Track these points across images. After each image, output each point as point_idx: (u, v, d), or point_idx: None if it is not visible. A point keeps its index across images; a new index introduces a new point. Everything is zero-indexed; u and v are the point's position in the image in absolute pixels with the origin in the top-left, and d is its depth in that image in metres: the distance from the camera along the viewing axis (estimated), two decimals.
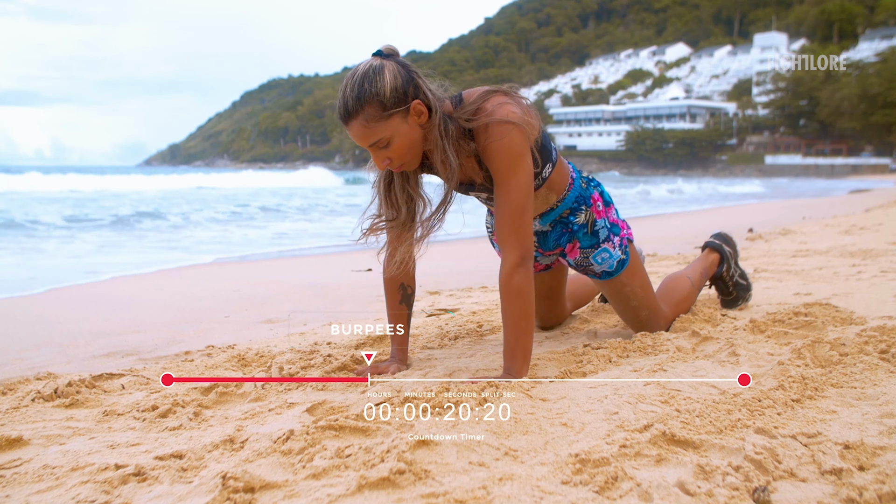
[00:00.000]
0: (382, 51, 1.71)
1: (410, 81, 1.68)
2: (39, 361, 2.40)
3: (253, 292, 3.90)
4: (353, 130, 1.68)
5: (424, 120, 1.71)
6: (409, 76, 1.69)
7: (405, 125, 1.68)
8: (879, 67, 54.75)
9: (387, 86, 1.64)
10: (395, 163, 1.72)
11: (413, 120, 1.69)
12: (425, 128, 1.72)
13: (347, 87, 1.66)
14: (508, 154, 1.71)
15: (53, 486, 1.22)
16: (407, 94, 1.67)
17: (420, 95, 1.69)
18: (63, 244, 7.28)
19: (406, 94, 1.67)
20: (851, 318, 2.25)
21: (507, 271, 1.73)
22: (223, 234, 8.77)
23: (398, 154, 1.70)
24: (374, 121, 1.64)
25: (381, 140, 1.67)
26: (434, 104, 1.71)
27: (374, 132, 1.66)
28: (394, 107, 1.65)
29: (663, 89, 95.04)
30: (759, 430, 1.29)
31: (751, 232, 6.76)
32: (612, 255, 2.08)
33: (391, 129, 1.66)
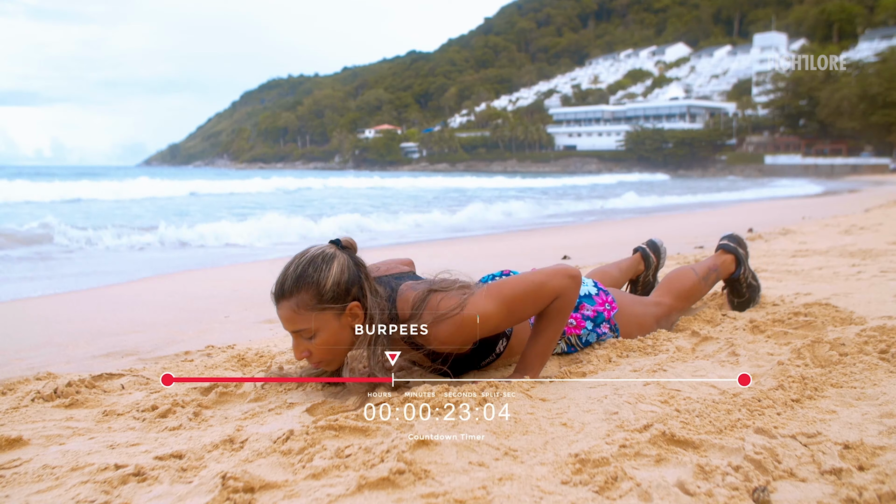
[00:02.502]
0: (341, 241, 1.67)
1: (356, 281, 1.61)
2: (39, 361, 2.40)
3: (253, 292, 3.90)
4: (281, 311, 1.61)
5: (358, 322, 1.62)
6: (357, 276, 1.62)
7: (336, 323, 1.60)
8: (879, 67, 54.75)
9: (330, 278, 1.58)
10: (315, 358, 1.64)
11: (346, 321, 1.61)
12: (355, 331, 1.63)
13: (291, 266, 1.62)
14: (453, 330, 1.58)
15: (53, 486, 1.22)
16: (348, 293, 1.60)
17: (361, 298, 1.61)
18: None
19: (347, 292, 1.60)
20: (851, 318, 2.25)
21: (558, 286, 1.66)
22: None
23: (320, 350, 1.61)
24: (305, 309, 1.58)
25: (305, 330, 1.60)
26: (372, 311, 1.61)
27: (302, 320, 1.59)
28: (330, 302, 1.58)
29: (663, 89, 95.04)
30: (759, 430, 1.29)
31: (751, 232, 6.76)
32: (607, 335, 2.06)
33: (320, 323, 1.59)
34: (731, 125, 73.67)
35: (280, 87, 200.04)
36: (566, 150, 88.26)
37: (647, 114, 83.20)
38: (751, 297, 2.58)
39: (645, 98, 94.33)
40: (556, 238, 7.41)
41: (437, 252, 6.24)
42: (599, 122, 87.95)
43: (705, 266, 2.46)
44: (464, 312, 1.58)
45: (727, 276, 2.54)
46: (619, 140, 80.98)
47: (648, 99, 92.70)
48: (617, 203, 15.46)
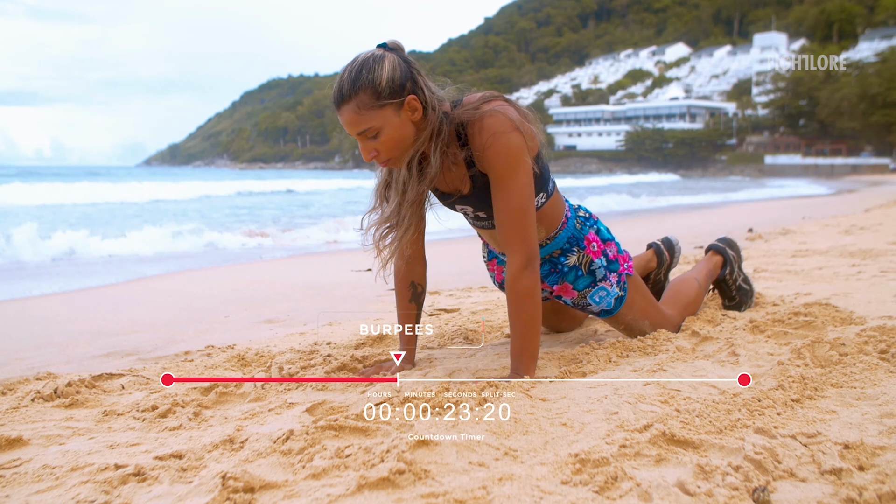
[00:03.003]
0: (388, 44, 1.70)
1: (409, 76, 1.65)
2: (39, 361, 2.40)
3: (253, 292, 3.90)
4: (343, 115, 1.65)
5: (418, 117, 1.67)
6: (409, 71, 1.66)
7: (397, 118, 1.64)
8: (879, 67, 54.73)
9: (384, 75, 1.62)
10: (382, 156, 1.68)
11: (406, 115, 1.66)
12: (418, 125, 1.69)
13: (345, 72, 1.64)
14: (507, 155, 1.68)
15: (53, 486, 1.22)
16: (403, 88, 1.64)
17: (417, 92, 1.67)
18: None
19: (403, 87, 1.64)
20: (851, 318, 2.25)
21: (514, 273, 1.71)
22: None
23: (386, 147, 1.66)
24: (366, 108, 1.62)
25: (370, 129, 1.64)
26: (431, 102, 1.69)
27: (365, 120, 1.63)
28: (388, 98, 1.62)
29: (663, 89, 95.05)
30: (759, 430, 1.29)
31: (751, 232, 6.76)
32: (609, 292, 2.03)
33: (382, 120, 1.63)
34: (731, 125, 73.66)
35: (280, 87, 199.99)
36: (566, 150, 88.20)
37: (647, 114, 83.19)
38: (741, 300, 2.53)
39: (645, 98, 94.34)
40: None
41: (433, 252, 6.23)
42: (599, 122, 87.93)
43: (704, 273, 2.45)
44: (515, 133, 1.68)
45: (715, 278, 2.53)
46: (619, 140, 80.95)
47: (648, 99, 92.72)
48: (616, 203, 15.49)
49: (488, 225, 1.94)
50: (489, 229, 1.96)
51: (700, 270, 2.46)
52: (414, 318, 1.99)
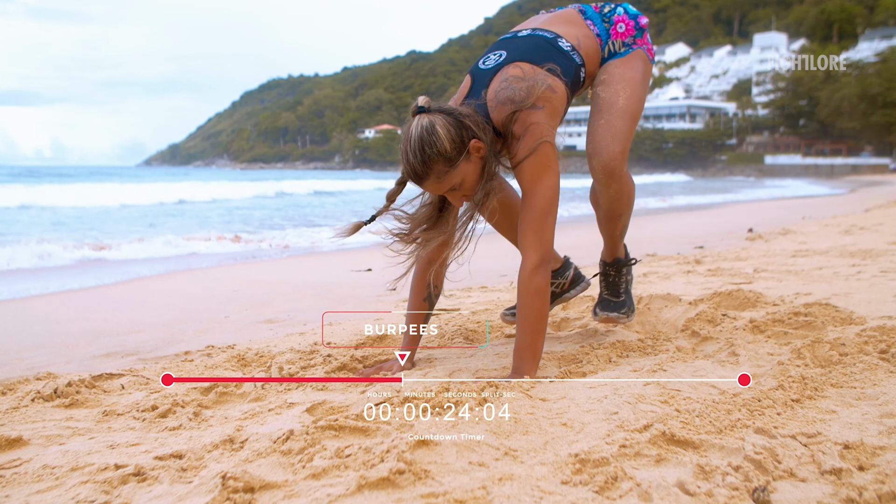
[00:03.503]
0: (423, 106, 1.77)
1: (461, 127, 1.74)
2: (39, 361, 2.40)
3: (253, 292, 3.90)
4: (429, 187, 1.77)
5: (484, 151, 1.77)
6: (458, 122, 1.75)
7: (469, 165, 1.76)
8: (879, 67, 54.73)
9: (445, 143, 1.71)
10: (470, 196, 1.82)
11: (475, 157, 1.76)
12: (485, 157, 1.79)
13: (409, 154, 1.73)
14: (537, 165, 1.77)
15: (53, 486, 1.22)
16: (464, 141, 1.74)
17: (474, 134, 1.76)
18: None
19: (463, 141, 1.74)
20: (851, 318, 2.25)
21: (528, 271, 1.76)
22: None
23: (471, 189, 1.79)
24: (444, 175, 1.73)
25: (454, 186, 1.76)
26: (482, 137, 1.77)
27: (447, 183, 1.75)
28: (457, 157, 1.73)
29: (663, 89, 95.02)
30: (759, 430, 1.29)
31: (751, 232, 6.76)
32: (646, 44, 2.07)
33: (460, 175, 1.75)
34: (731, 125, 73.66)
35: (280, 87, 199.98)
36: (566, 150, 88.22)
37: (647, 114, 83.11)
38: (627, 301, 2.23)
39: None
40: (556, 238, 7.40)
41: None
42: None
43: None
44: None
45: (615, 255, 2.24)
46: None
47: (648, 99, 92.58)
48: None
49: None
50: None
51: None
52: (423, 319, 2.02)
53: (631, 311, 2.20)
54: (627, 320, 2.20)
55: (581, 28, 2.00)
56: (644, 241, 6.00)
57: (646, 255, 4.98)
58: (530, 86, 1.79)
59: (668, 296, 2.74)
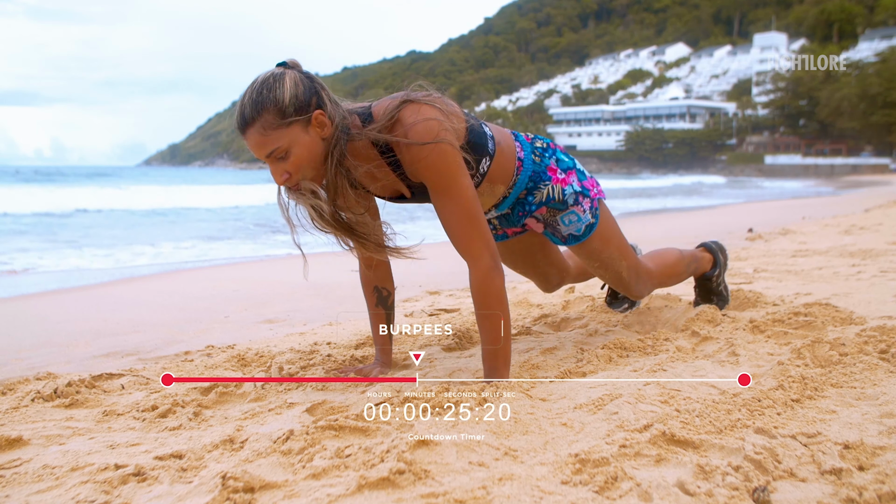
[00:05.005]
0: (287, 62, 1.64)
1: (313, 92, 1.59)
2: (39, 361, 2.40)
3: (253, 292, 3.90)
4: (249, 139, 1.56)
5: (328, 132, 1.60)
6: (313, 86, 1.59)
7: (306, 136, 1.57)
8: (879, 67, 54.74)
9: (286, 92, 1.55)
10: (295, 177, 1.60)
11: (315, 131, 1.59)
12: (329, 141, 1.61)
13: (246, 95, 1.57)
14: (441, 165, 1.60)
15: (53, 486, 1.22)
16: (309, 104, 1.57)
17: (324, 106, 1.59)
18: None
19: (308, 103, 1.57)
20: (851, 318, 2.25)
21: (481, 275, 1.63)
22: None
23: (297, 167, 1.58)
24: (272, 129, 1.54)
25: (277, 150, 1.56)
26: (333, 116, 1.61)
27: (272, 141, 1.55)
28: (294, 115, 1.55)
29: (663, 89, 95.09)
30: (759, 430, 1.29)
31: (751, 232, 6.76)
32: (580, 218, 1.94)
33: (289, 139, 1.55)
34: (731, 125, 73.70)
35: None
36: (566, 150, 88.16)
37: (647, 114, 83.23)
38: (718, 306, 2.49)
39: (645, 98, 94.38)
40: None
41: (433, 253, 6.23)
42: (599, 122, 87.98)
43: (690, 252, 2.42)
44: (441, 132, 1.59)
45: (701, 273, 2.49)
46: (619, 140, 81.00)
47: (648, 99, 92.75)
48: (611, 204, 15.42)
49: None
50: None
51: (687, 250, 2.43)
52: (384, 320, 1.95)
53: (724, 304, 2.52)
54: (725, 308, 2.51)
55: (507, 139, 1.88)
56: (645, 241, 5.98)
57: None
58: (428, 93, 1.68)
59: (668, 296, 2.74)
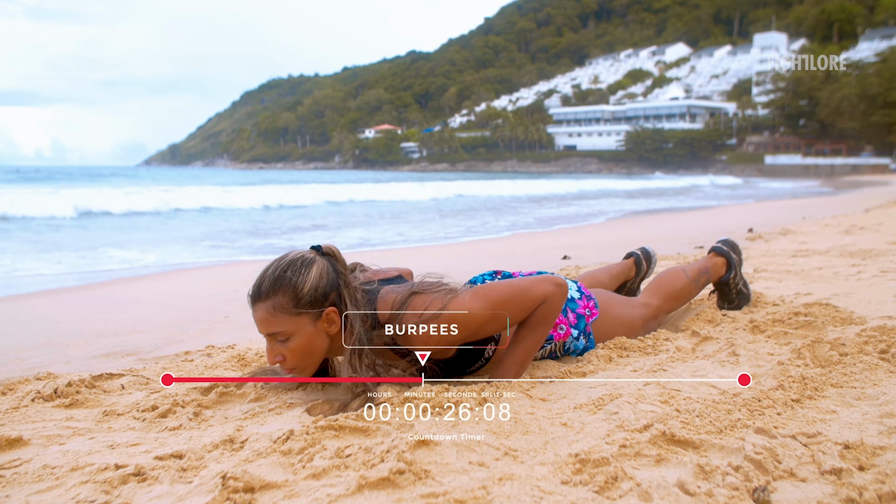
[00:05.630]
0: (322, 247, 1.66)
1: (334, 287, 1.60)
2: (39, 361, 2.40)
3: None
4: (257, 313, 1.58)
5: (335, 331, 1.61)
6: (336, 281, 1.61)
7: (311, 328, 1.58)
8: (879, 67, 54.74)
9: (308, 283, 1.57)
10: (288, 364, 1.60)
11: (322, 326, 1.60)
12: (333, 339, 1.62)
13: (269, 269, 1.60)
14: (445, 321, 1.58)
15: (53, 486, 1.22)
16: (325, 299, 1.59)
17: (340, 305, 1.60)
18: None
19: (325, 298, 1.59)
20: (851, 318, 2.25)
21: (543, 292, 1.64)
22: None
23: (294, 355, 1.59)
24: (282, 312, 1.56)
25: (280, 333, 1.57)
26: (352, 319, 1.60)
27: (277, 323, 1.56)
28: (307, 307, 1.56)
29: (663, 89, 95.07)
30: (759, 430, 1.29)
31: (751, 232, 6.76)
32: (576, 346, 1.98)
33: (295, 327, 1.57)
34: (731, 125, 73.72)
35: (280, 87, 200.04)
36: (566, 150, 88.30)
37: (647, 114, 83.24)
38: (739, 304, 2.52)
39: (645, 98, 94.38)
40: (556, 238, 7.41)
41: (438, 253, 6.23)
42: (599, 122, 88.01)
43: (696, 268, 2.43)
44: (447, 311, 1.57)
45: (717, 279, 2.50)
46: (619, 140, 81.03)
47: (648, 99, 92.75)
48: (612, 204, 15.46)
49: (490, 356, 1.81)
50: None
51: (693, 266, 2.43)
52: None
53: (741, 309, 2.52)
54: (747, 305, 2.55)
55: None
56: (644, 241, 5.99)
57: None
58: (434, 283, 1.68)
59: None
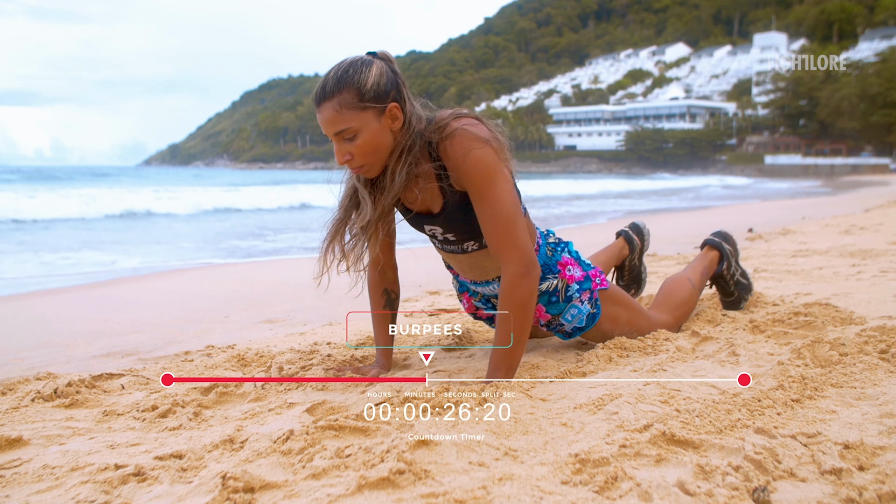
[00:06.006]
0: (377, 52, 1.69)
1: (394, 85, 1.64)
2: (39, 361, 2.40)
3: (253, 292, 3.90)
4: (323, 113, 1.62)
5: (398, 126, 1.65)
6: (396, 80, 1.65)
7: (377, 124, 1.62)
8: (879, 67, 54.76)
9: (370, 78, 1.60)
10: (356, 161, 1.65)
11: (386, 122, 1.64)
12: (396, 135, 1.66)
13: (331, 71, 1.63)
14: (485, 166, 1.63)
15: (53, 486, 1.22)
16: (388, 94, 1.62)
17: (400, 101, 1.65)
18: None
19: (387, 93, 1.62)
20: (851, 318, 2.25)
21: (511, 280, 1.65)
22: None
23: (361, 151, 1.63)
24: (348, 108, 1.59)
25: (348, 130, 1.61)
26: (410, 115, 1.67)
27: (344, 119, 1.60)
28: (371, 101, 1.60)
29: (663, 89, 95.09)
30: (759, 430, 1.29)
31: (751, 232, 6.76)
32: (580, 310, 1.97)
33: (361, 123, 1.60)
34: (731, 125, 73.73)
35: (280, 87, 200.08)
36: (566, 149, 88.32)
37: (647, 114, 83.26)
38: (740, 295, 2.49)
39: (645, 98, 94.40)
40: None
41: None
42: (599, 122, 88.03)
43: (698, 271, 2.39)
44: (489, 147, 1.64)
45: (712, 273, 2.47)
46: (619, 140, 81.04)
47: (648, 99, 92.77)
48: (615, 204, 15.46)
49: (457, 249, 1.88)
50: (458, 254, 1.90)
51: (694, 270, 2.40)
52: (390, 321, 1.99)
53: (743, 299, 2.52)
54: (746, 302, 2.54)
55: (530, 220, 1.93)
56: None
57: (645, 256, 4.97)
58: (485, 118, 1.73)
59: None
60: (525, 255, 1.66)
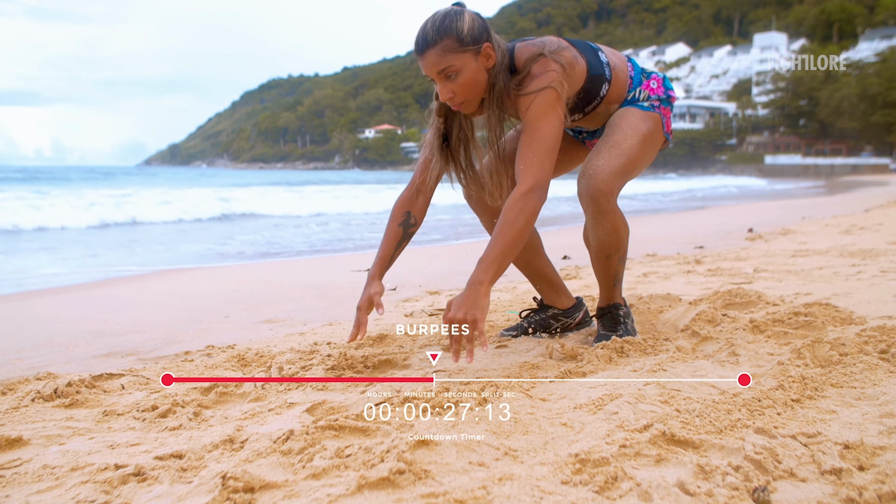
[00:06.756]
0: (462, 3, 1.91)
1: (484, 29, 1.87)
2: (39, 361, 2.40)
3: (253, 292, 3.90)
4: (427, 58, 1.82)
5: (492, 64, 1.87)
6: (484, 24, 1.88)
7: (475, 63, 1.84)
8: (879, 67, 54.78)
9: (465, 25, 1.83)
10: (458, 97, 1.86)
11: (482, 61, 1.86)
12: (489, 73, 1.88)
13: (429, 23, 1.84)
14: (544, 104, 1.84)
15: (53, 486, 1.22)
16: (481, 37, 1.85)
17: (492, 42, 1.87)
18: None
19: (480, 37, 1.85)
20: (851, 318, 2.25)
21: (521, 192, 1.78)
22: None
23: (463, 88, 1.85)
24: (450, 52, 1.81)
25: (450, 68, 1.82)
26: (499, 54, 1.88)
27: (447, 60, 1.82)
28: (469, 44, 1.82)
29: None
30: (759, 430, 1.29)
31: (751, 232, 6.76)
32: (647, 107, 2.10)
33: (462, 63, 1.82)
34: (731, 125, 73.72)
35: (280, 87, 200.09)
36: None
37: None
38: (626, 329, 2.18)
39: None
40: (557, 238, 7.41)
41: (439, 253, 6.24)
42: None
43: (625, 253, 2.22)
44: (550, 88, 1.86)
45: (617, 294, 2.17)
46: None
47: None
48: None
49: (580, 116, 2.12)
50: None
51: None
52: (399, 239, 2.08)
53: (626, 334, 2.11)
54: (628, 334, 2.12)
55: (622, 62, 2.13)
56: (644, 241, 6.00)
57: (646, 255, 4.98)
58: (560, 46, 1.94)
59: (668, 296, 2.75)
60: (543, 177, 1.81)
